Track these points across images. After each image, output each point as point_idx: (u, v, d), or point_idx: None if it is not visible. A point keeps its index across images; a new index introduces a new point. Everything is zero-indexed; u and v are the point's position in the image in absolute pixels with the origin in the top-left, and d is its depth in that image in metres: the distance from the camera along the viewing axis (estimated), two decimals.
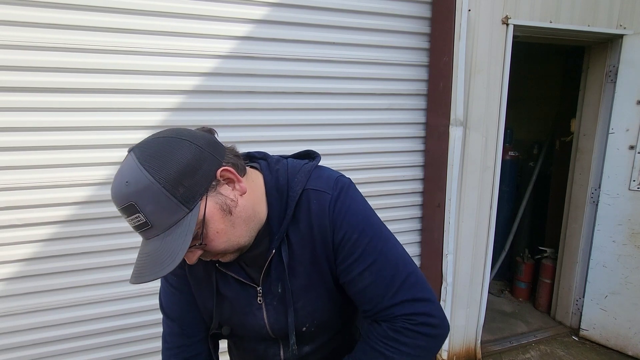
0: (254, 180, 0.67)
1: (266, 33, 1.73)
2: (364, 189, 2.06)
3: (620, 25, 2.23)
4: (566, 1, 2.09)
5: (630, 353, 2.35)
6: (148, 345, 1.81)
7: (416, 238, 2.28)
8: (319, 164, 0.73)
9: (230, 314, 0.75)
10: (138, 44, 1.56)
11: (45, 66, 1.46)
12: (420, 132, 2.14)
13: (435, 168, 2.09)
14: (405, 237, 2.25)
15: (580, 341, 2.54)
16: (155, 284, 1.85)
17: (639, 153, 2.22)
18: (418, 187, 2.20)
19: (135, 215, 0.53)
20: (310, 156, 0.75)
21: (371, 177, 2.07)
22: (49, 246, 1.59)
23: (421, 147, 2.16)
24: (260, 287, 0.71)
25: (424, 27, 2.02)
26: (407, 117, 2.10)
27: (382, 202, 2.13)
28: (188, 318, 0.79)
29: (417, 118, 2.12)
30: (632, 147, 2.25)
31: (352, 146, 2.00)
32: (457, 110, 1.93)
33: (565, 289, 2.71)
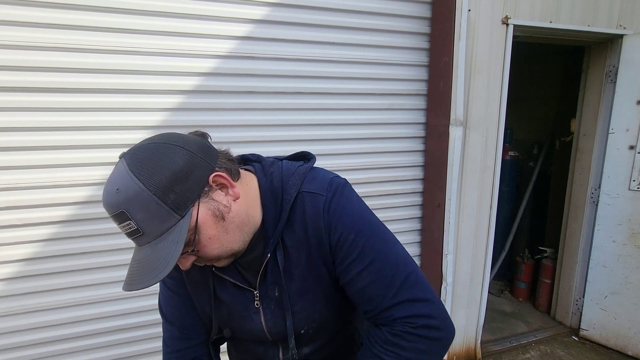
0: (248, 184, 0.66)
1: (266, 33, 1.73)
2: (364, 189, 2.06)
3: (620, 25, 2.23)
4: (566, 1, 2.09)
5: (630, 353, 2.35)
6: (148, 345, 1.81)
7: (416, 238, 2.28)
8: (314, 166, 0.72)
9: (228, 317, 0.75)
10: (138, 44, 1.56)
11: (45, 66, 1.46)
12: (420, 132, 2.14)
13: (435, 168, 2.09)
14: (405, 237, 2.25)
15: (580, 341, 2.54)
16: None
17: (639, 153, 2.22)
18: (418, 187, 2.20)
19: (126, 223, 0.53)
20: (305, 158, 0.74)
21: (371, 177, 2.07)
22: (49, 246, 1.59)
23: (421, 147, 2.16)
24: (257, 291, 0.70)
25: (424, 27, 2.02)
26: (407, 117, 2.10)
27: (382, 202, 2.13)
28: (187, 321, 0.79)
29: (417, 118, 2.12)
30: (632, 147, 2.25)
31: (352, 146, 2.00)
32: (457, 110, 1.93)
33: (565, 289, 2.71)
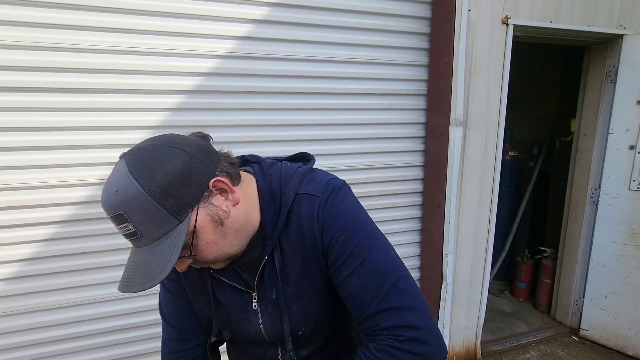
0: (248, 187, 0.66)
1: (266, 33, 1.73)
2: (364, 189, 2.06)
3: (620, 25, 2.23)
4: (566, 1, 2.09)
5: (630, 353, 2.35)
6: (148, 345, 1.81)
7: (416, 238, 2.28)
8: (313, 167, 0.72)
9: (226, 319, 0.75)
10: (138, 44, 1.56)
11: (45, 66, 1.46)
12: (420, 132, 2.14)
13: (435, 168, 2.09)
14: (405, 237, 2.25)
15: (580, 341, 2.54)
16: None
17: (639, 153, 2.22)
18: (418, 187, 2.20)
19: (124, 225, 0.53)
20: (304, 159, 0.74)
21: (371, 177, 2.07)
22: (49, 246, 1.59)
23: (421, 147, 2.16)
24: (255, 293, 0.70)
25: (424, 27, 2.02)
26: (407, 117, 2.10)
27: (382, 202, 2.13)
28: (186, 323, 0.79)
29: (417, 118, 2.12)
30: (632, 147, 2.25)
31: (352, 146, 2.00)
32: (457, 110, 1.93)
33: (565, 289, 2.71)
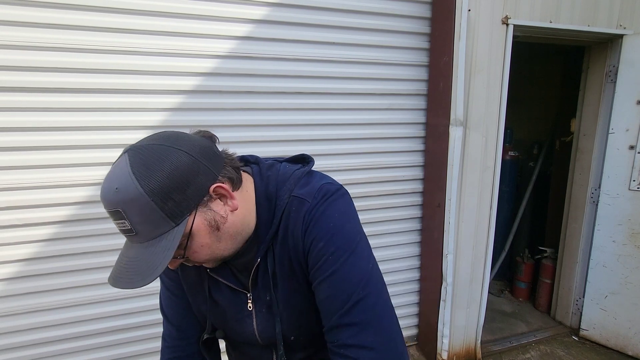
0: (247, 190, 0.66)
1: (266, 33, 1.73)
2: (364, 189, 2.07)
3: (620, 25, 2.23)
4: (566, 1, 2.08)
5: (630, 353, 2.35)
6: (148, 345, 1.81)
7: (416, 238, 2.28)
8: (314, 169, 0.71)
9: (222, 319, 0.75)
10: (138, 44, 1.56)
11: (45, 66, 1.46)
12: (420, 132, 2.14)
13: (435, 168, 2.09)
14: (405, 237, 2.25)
15: (580, 341, 2.54)
16: (154, 284, 1.85)
17: (639, 153, 2.22)
18: (418, 187, 2.20)
19: (121, 221, 0.53)
20: (304, 160, 0.73)
21: (371, 177, 2.08)
22: (49, 246, 1.59)
23: (421, 147, 2.16)
24: (250, 294, 0.70)
25: (424, 27, 2.02)
26: (407, 117, 2.10)
27: (382, 202, 2.13)
28: (184, 322, 0.80)
29: (417, 118, 2.12)
30: (632, 147, 2.24)
31: (352, 146, 2.00)
32: (457, 110, 1.93)
33: (565, 289, 2.71)
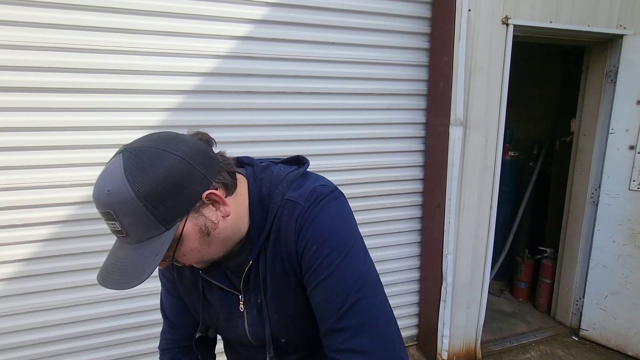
0: (241, 194, 0.65)
1: (266, 33, 1.73)
2: (364, 189, 2.07)
3: (620, 25, 2.23)
4: (566, 1, 2.08)
5: (630, 353, 2.35)
6: (148, 345, 1.81)
7: (416, 238, 2.28)
8: (309, 171, 0.71)
9: (215, 319, 0.76)
10: (138, 44, 1.56)
11: (45, 66, 1.46)
12: (420, 132, 2.14)
13: (435, 168, 2.09)
14: (405, 237, 2.25)
15: (580, 341, 2.54)
16: (154, 283, 1.85)
17: (639, 153, 2.22)
18: (418, 187, 2.20)
19: (112, 222, 0.53)
20: (300, 162, 0.73)
21: (371, 177, 2.07)
22: (48, 246, 1.59)
23: (421, 147, 2.16)
24: (242, 295, 0.70)
25: (424, 27, 2.02)
26: (407, 117, 2.10)
27: (382, 202, 2.13)
28: (181, 320, 0.84)
29: (417, 118, 2.12)
30: (632, 147, 2.24)
31: (352, 146, 2.00)
32: (457, 110, 1.93)
33: (565, 289, 2.71)
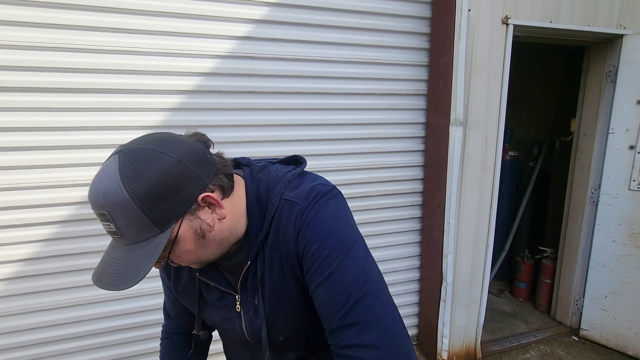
0: (239, 195, 0.65)
1: (266, 33, 1.73)
2: (364, 189, 2.07)
3: (620, 25, 2.23)
4: (566, 1, 2.08)
5: (630, 353, 2.35)
6: (148, 345, 1.81)
7: (416, 238, 2.28)
8: (306, 170, 0.71)
9: (213, 318, 0.77)
10: (138, 44, 1.56)
11: (45, 66, 1.46)
12: (420, 132, 2.14)
13: (435, 168, 2.09)
14: (405, 237, 2.25)
15: (580, 341, 2.54)
16: (153, 283, 1.84)
17: (639, 153, 2.22)
18: (418, 187, 2.20)
19: (107, 223, 0.53)
20: (297, 162, 0.73)
21: (371, 177, 2.07)
22: (49, 246, 1.59)
23: (421, 147, 2.16)
24: (238, 296, 0.71)
25: (424, 27, 2.02)
26: (407, 117, 2.10)
27: (382, 202, 2.13)
28: (181, 319, 0.88)
29: (417, 118, 2.12)
30: (632, 147, 2.24)
31: (352, 146, 2.00)
32: (457, 110, 1.93)
33: (565, 289, 2.71)
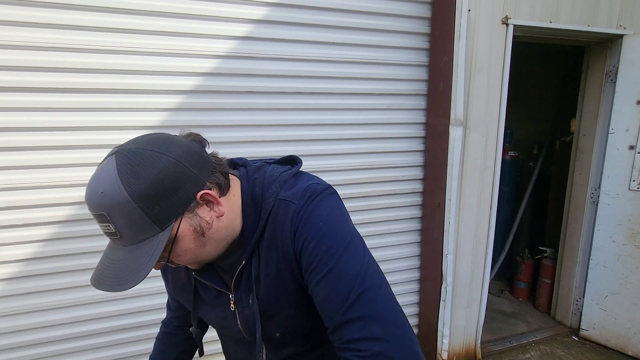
0: (235, 195, 0.66)
1: (266, 33, 1.73)
2: (364, 189, 2.07)
3: (620, 25, 2.23)
4: (566, 1, 2.08)
5: (630, 353, 2.35)
6: (148, 345, 1.80)
7: (416, 238, 2.28)
8: (302, 170, 0.71)
9: (210, 317, 0.78)
10: (138, 44, 1.56)
11: (45, 66, 1.46)
12: (420, 132, 2.14)
13: (435, 168, 2.09)
14: (405, 237, 2.25)
15: (580, 341, 2.54)
16: (153, 284, 1.84)
17: (639, 153, 2.22)
18: (418, 187, 2.20)
19: (105, 224, 0.53)
20: (293, 162, 0.73)
21: (371, 177, 2.07)
22: (49, 246, 1.59)
23: (421, 147, 2.16)
24: (232, 295, 0.71)
25: (424, 27, 2.02)
26: (407, 117, 2.10)
27: (382, 202, 2.13)
28: (180, 311, 0.92)
29: (417, 118, 2.12)
30: (632, 147, 2.24)
31: (352, 146, 2.00)
32: (457, 110, 1.93)
33: (565, 289, 2.71)
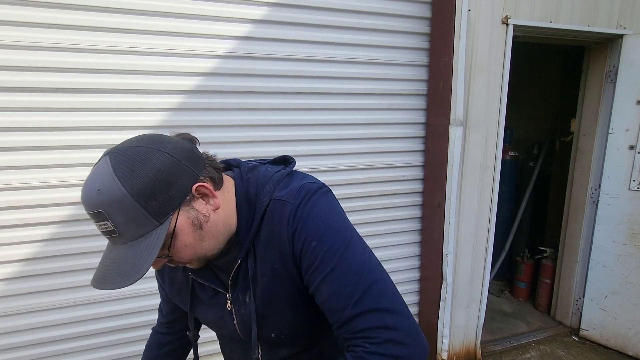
0: (229, 192, 0.66)
1: (266, 33, 1.73)
2: (364, 189, 2.07)
3: (620, 25, 2.23)
4: (566, 1, 2.09)
5: (630, 353, 2.35)
6: None
7: (416, 238, 2.28)
8: (296, 170, 0.71)
9: (207, 317, 0.78)
10: (138, 44, 1.56)
11: (45, 66, 1.46)
12: (420, 132, 2.14)
13: (435, 168, 2.09)
14: (405, 237, 2.25)
15: (580, 341, 2.54)
16: (153, 284, 1.85)
17: (639, 153, 2.22)
18: (418, 187, 2.20)
19: (103, 222, 0.53)
20: (287, 162, 0.73)
21: (371, 177, 2.07)
22: (49, 246, 1.59)
23: (421, 147, 2.16)
24: (229, 294, 0.71)
25: (424, 27, 2.02)
26: (407, 117, 2.10)
27: (382, 202, 2.13)
28: (172, 315, 0.91)
29: (417, 118, 2.12)
30: (632, 147, 2.25)
31: (352, 146, 2.00)
32: (457, 110, 1.93)
33: (565, 289, 2.71)
